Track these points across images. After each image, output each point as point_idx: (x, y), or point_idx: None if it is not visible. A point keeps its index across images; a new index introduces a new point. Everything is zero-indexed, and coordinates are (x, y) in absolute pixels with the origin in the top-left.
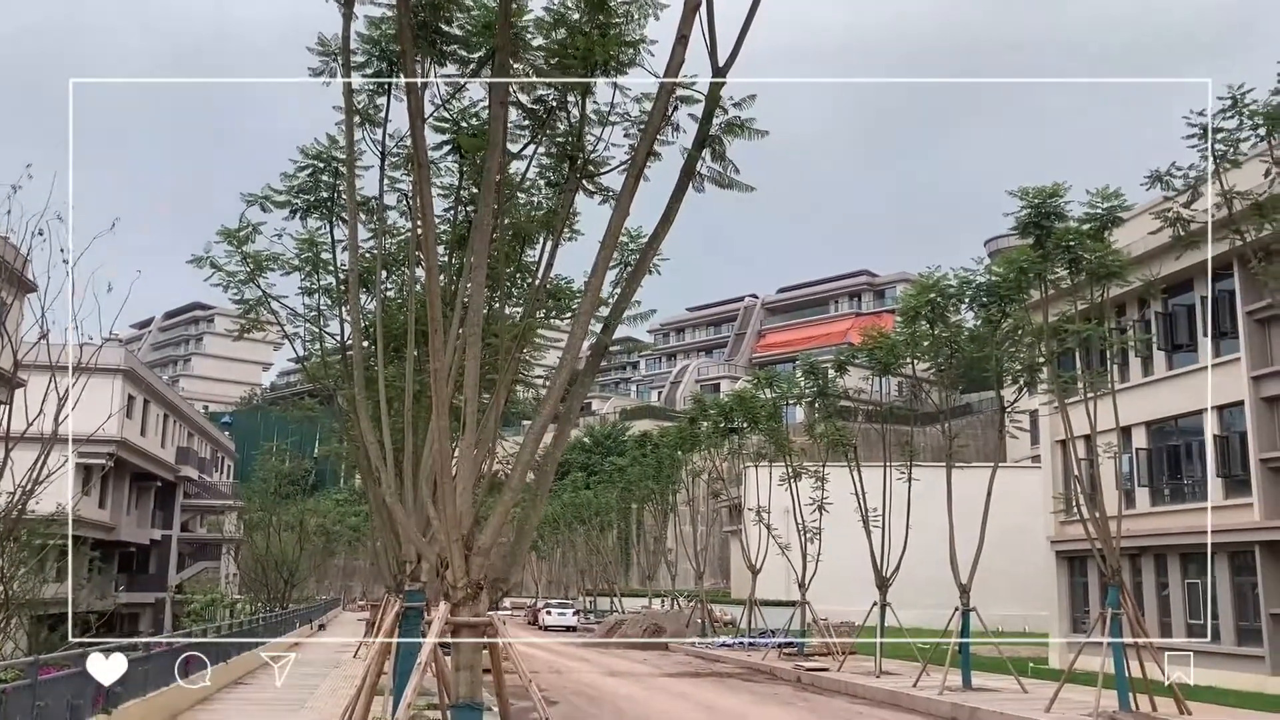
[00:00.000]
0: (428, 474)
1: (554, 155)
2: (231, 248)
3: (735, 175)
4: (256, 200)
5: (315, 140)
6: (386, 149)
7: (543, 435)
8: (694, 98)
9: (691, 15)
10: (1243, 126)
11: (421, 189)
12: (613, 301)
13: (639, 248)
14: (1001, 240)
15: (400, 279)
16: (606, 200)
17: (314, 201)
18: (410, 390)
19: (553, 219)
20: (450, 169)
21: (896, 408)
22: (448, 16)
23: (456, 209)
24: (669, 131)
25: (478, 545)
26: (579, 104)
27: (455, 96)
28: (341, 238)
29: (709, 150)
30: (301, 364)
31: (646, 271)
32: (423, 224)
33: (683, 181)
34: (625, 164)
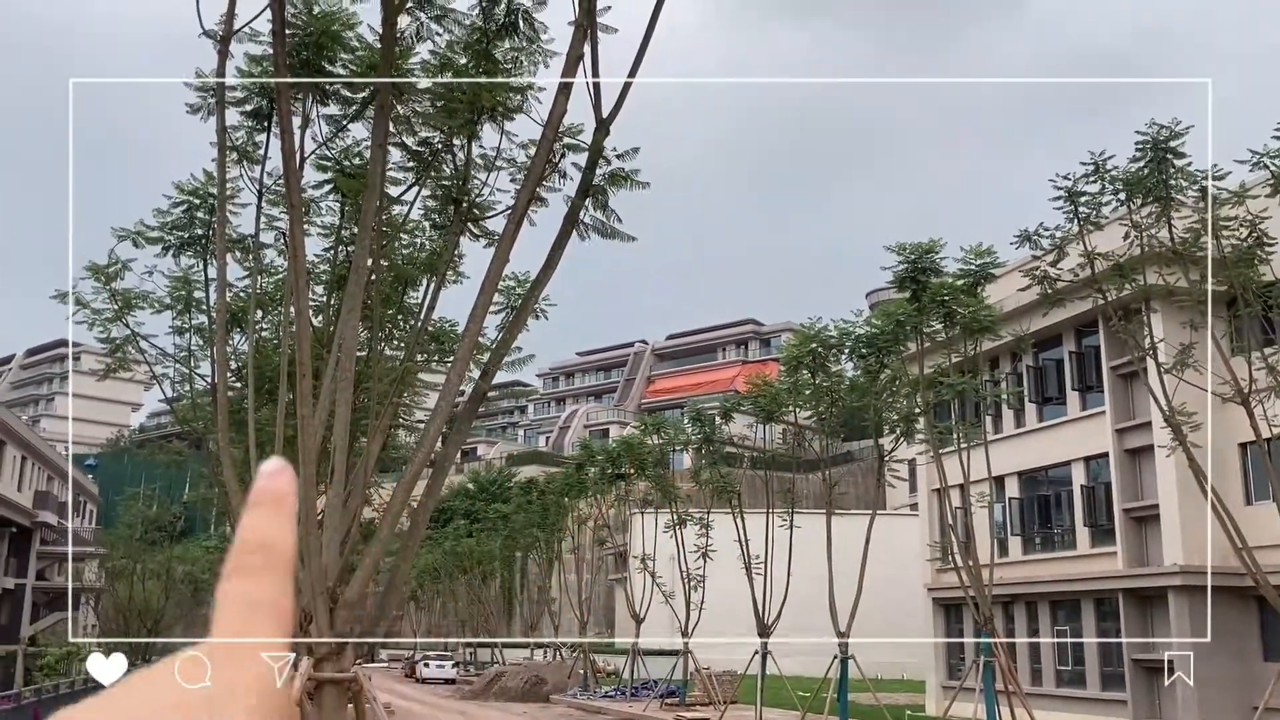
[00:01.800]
0: None
1: (439, 198)
2: (99, 284)
3: (618, 224)
4: (128, 235)
5: (191, 175)
6: (265, 186)
7: (415, 481)
8: (579, 146)
9: (574, 65)
10: (1104, 191)
11: (293, 230)
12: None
13: (524, 292)
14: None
15: (276, 319)
16: (491, 243)
17: (188, 238)
18: (281, 434)
19: (436, 261)
20: (331, 208)
21: (779, 455)
22: (331, 56)
23: (337, 249)
24: (555, 178)
25: (344, 598)
26: (464, 148)
27: (337, 136)
28: (214, 277)
29: (593, 199)
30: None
31: (530, 316)
32: (294, 266)
33: (566, 229)
34: (509, 209)
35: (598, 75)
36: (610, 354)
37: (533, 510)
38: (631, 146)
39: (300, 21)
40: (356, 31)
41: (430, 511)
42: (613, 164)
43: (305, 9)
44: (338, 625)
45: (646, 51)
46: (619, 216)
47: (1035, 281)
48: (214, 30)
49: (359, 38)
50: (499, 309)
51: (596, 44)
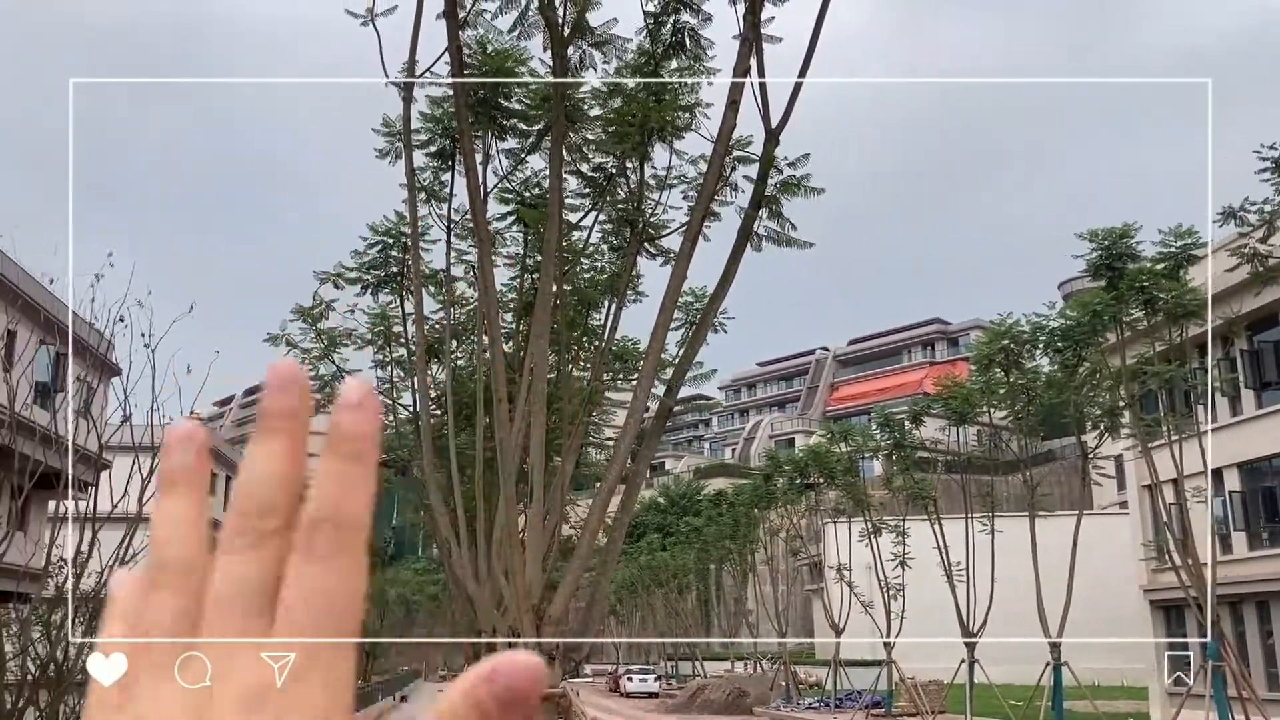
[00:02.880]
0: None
1: (615, 220)
2: (306, 324)
3: (793, 232)
4: (329, 278)
5: (384, 217)
6: (453, 222)
7: (610, 498)
8: (750, 159)
9: (741, 82)
10: None
11: (483, 262)
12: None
13: (702, 306)
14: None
15: (470, 348)
16: (668, 262)
17: (384, 277)
18: (481, 458)
19: (616, 282)
20: (515, 238)
21: (976, 457)
22: (506, 92)
23: (522, 277)
24: (727, 192)
25: (549, 614)
26: (637, 170)
27: (517, 168)
28: (411, 311)
29: (765, 210)
30: None
31: (709, 330)
32: (485, 295)
33: (740, 241)
34: (683, 226)
35: (765, 87)
36: (791, 363)
37: (723, 522)
38: (802, 153)
39: (475, 61)
40: (529, 66)
41: (626, 527)
42: (784, 173)
43: (480, 49)
44: (543, 641)
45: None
46: (793, 224)
47: (1244, 260)
48: (398, 79)
49: (531, 72)
50: (679, 325)
51: (762, 55)
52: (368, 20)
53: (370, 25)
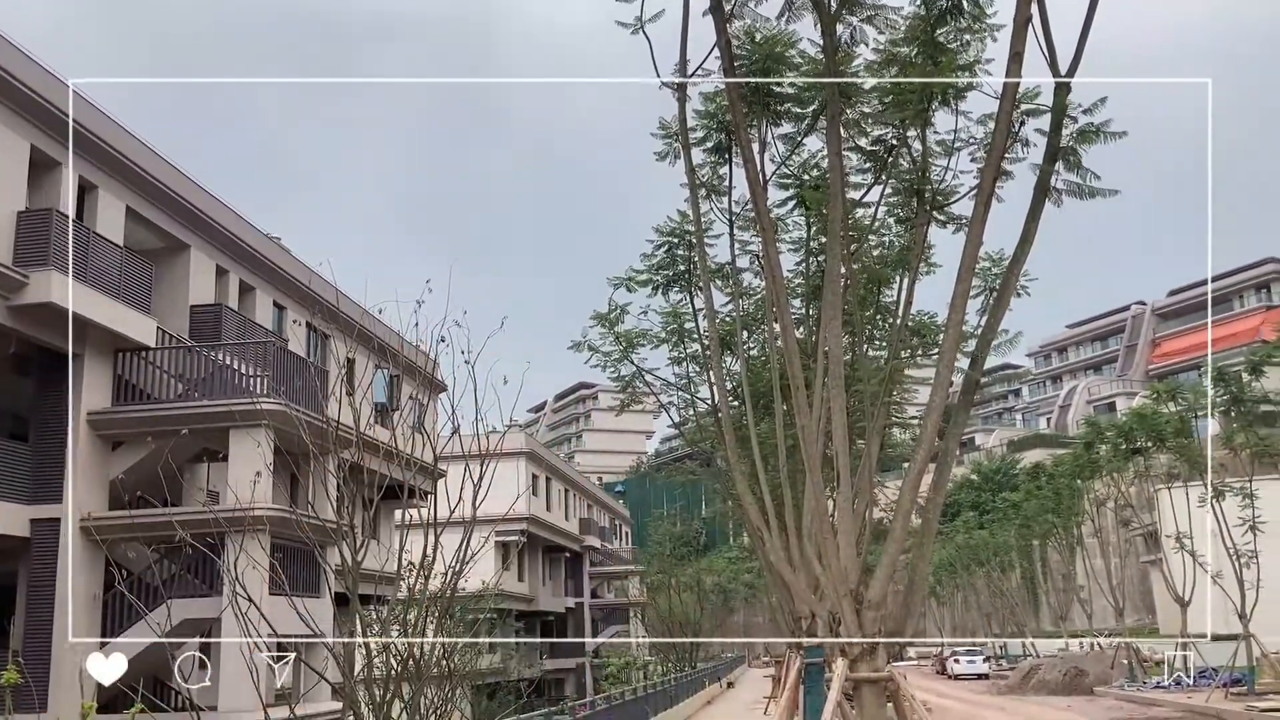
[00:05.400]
0: (810, 530)
1: (900, 192)
2: (604, 329)
3: (1095, 182)
4: (622, 282)
5: (667, 218)
6: (734, 214)
7: (921, 478)
8: (1039, 110)
9: (1023, 30)
10: None
11: (768, 250)
12: (979, 332)
13: (1002, 271)
14: None
15: (761, 337)
16: (960, 229)
17: (672, 276)
18: (783, 446)
19: (906, 256)
20: (797, 223)
21: None
22: (778, 78)
23: (807, 260)
24: (1018, 149)
25: (868, 598)
26: (920, 137)
27: (794, 152)
28: (702, 306)
29: (1062, 162)
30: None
31: (1012, 295)
32: (773, 284)
33: (1038, 199)
34: (974, 190)
35: (1049, 33)
36: (1105, 321)
37: (1044, 496)
38: (1099, 97)
39: (745, 51)
40: (798, 48)
41: (940, 506)
42: (1079, 121)
43: (748, 39)
44: (866, 626)
45: None
46: (1095, 174)
47: None
48: (671, 80)
49: (801, 54)
50: (978, 293)
51: (1044, 2)
52: (638, 28)
53: (641, 32)
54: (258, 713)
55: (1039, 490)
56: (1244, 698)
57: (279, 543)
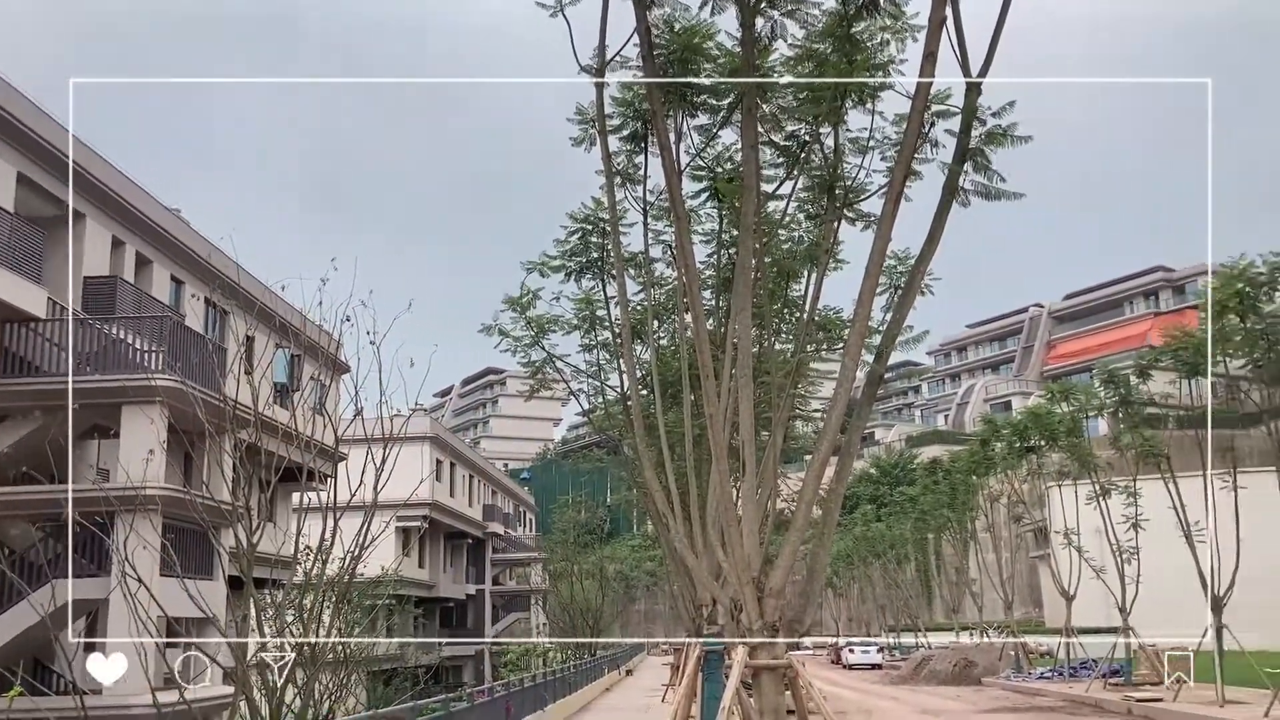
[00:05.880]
0: (714, 518)
1: (812, 188)
2: (516, 314)
3: (1002, 184)
4: (535, 267)
5: (581, 204)
6: (648, 204)
7: (824, 470)
8: (950, 112)
9: (938, 31)
10: None
11: (681, 241)
12: (884, 328)
13: (907, 270)
14: None
15: (672, 327)
16: (869, 226)
17: (586, 263)
18: (690, 435)
19: (816, 251)
20: (711, 215)
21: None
22: (695, 69)
23: (719, 253)
24: (928, 149)
25: (769, 586)
26: (832, 134)
27: (710, 144)
28: (614, 294)
29: (970, 163)
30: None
31: (917, 293)
32: (685, 274)
33: (945, 198)
34: (884, 188)
35: (963, 35)
36: (1003, 322)
37: (940, 491)
38: (1008, 101)
39: (663, 41)
40: (716, 41)
41: (840, 498)
42: (988, 123)
43: (667, 28)
44: (766, 613)
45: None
46: (1001, 176)
47: None
48: (589, 65)
49: (719, 46)
50: (884, 290)
51: (958, 4)
52: (557, 10)
53: (560, 16)
54: (145, 696)
55: (935, 485)
56: (1121, 688)
57: (171, 523)
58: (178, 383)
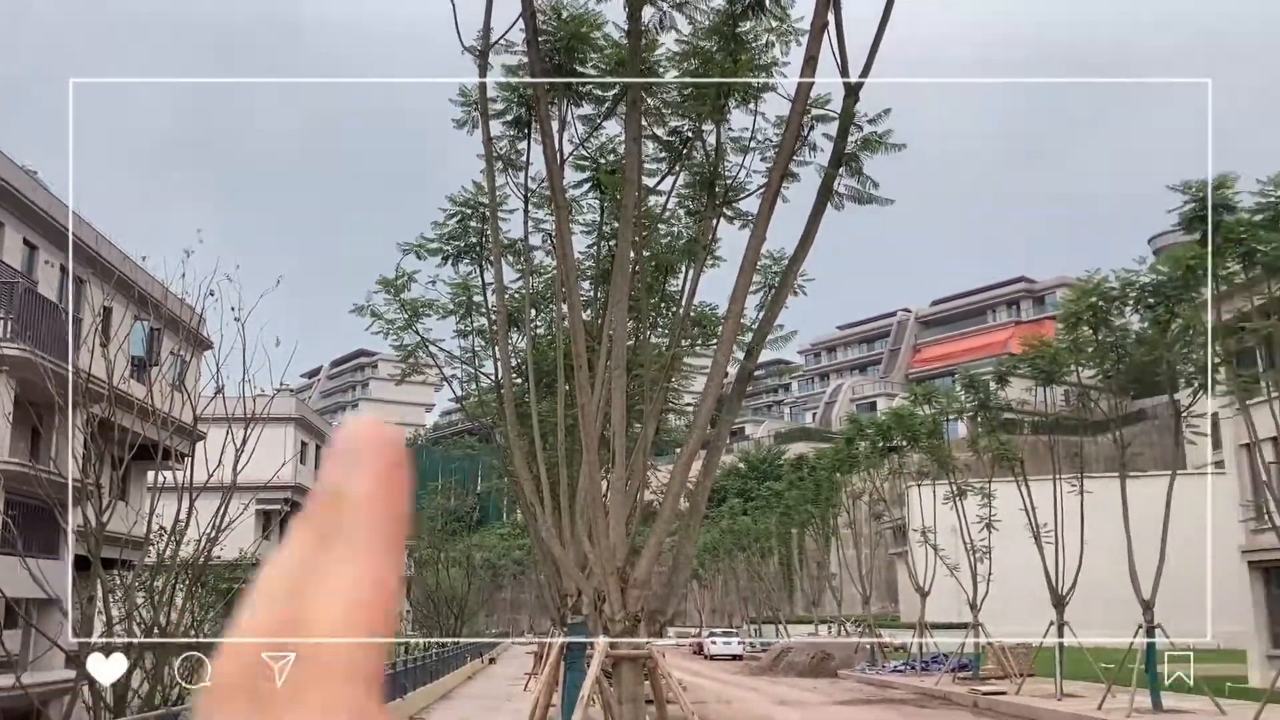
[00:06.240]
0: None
1: (693, 185)
2: (390, 296)
3: (874, 190)
4: (411, 249)
5: (462, 188)
6: (529, 191)
7: (692, 463)
8: (828, 117)
9: (819, 36)
10: None
11: (561, 230)
12: (757, 326)
13: (781, 269)
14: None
15: (549, 316)
16: (747, 225)
17: (464, 247)
18: (563, 425)
19: (694, 247)
20: (592, 205)
21: (1063, 418)
22: (581, 58)
23: (599, 244)
24: (806, 152)
25: (634, 577)
26: (715, 132)
27: (593, 135)
28: (491, 280)
29: (846, 167)
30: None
31: (790, 293)
32: (563, 263)
33: (820, 200)
34: (762, 188)
35: (843, 42)
36: (872, 325)
37: (805, 487)
38: (883, 109)
39: (550, 27)
40: (604, 31)
41: (708, 491)
42: (864, 130)
43: (554, 15)
44: (630, 603)
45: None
46: (874, 182)
47: None
48: (473, 46)
49: (606, 37)
50: (758, 288)
51: (840, 10)
52: None
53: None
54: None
55: (801, 481)
56: (969, 682)
57: (14, 499)
58: (26, 352)
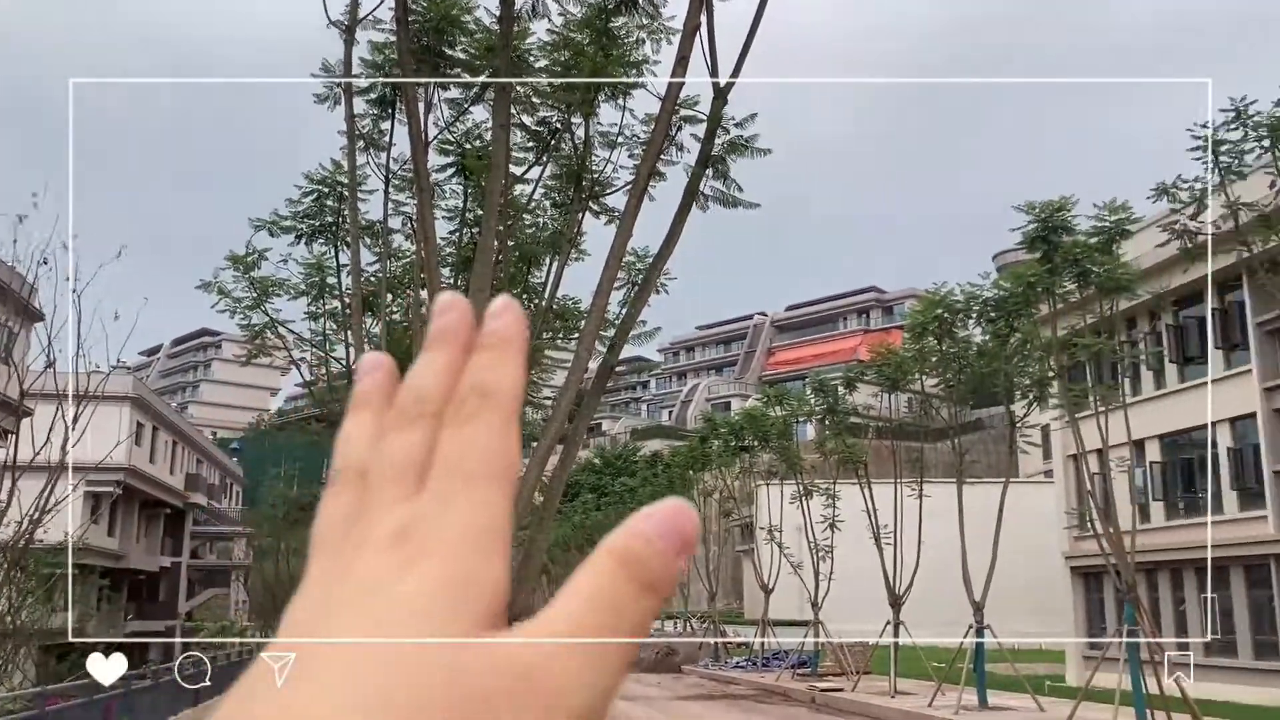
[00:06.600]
0: None
1: (560, 177)
2: (239, 273)
3: (739, 193)
4: (264, 225)
5: (320, 165)
6: (391, 172)
7: (547, 457)
8: (697, 118)
9: (691, 37)
10: (1247, 138)
11: (423, 214)
12: (619, 322)
13: (646, 267)
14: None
15: (406, 302)
16: (613, 220)
17: (319, 226)
18: None
19: (559, 240)
20: (455, 191)
21: (906, 424)
22: (451, 40)
23: (462, 231)
24: (674, 152)
25: None
26: (584, 125)
27: (459, 119)
28: (347, 262)
29: (712, 169)
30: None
31: (653, 291)
32: (425, 248)
33: (686, 201)
34: (630, 184)
35: (714, 44)
36: (730, 327)
37: (658, 483)
38: (750, 114)
39: (421, 7)
40: (475, 15)
41: (562, 486)
42: (731, 133)
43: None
44: None
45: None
46: (739, 185)
47: (1174, 236)
48: (340, 20)
49: (477, 21)
50: (622, 285)
51: (713, 13)
52: None
53: None
54: None
55: (655, 478)
56: (808, 679)
57: None
58: None
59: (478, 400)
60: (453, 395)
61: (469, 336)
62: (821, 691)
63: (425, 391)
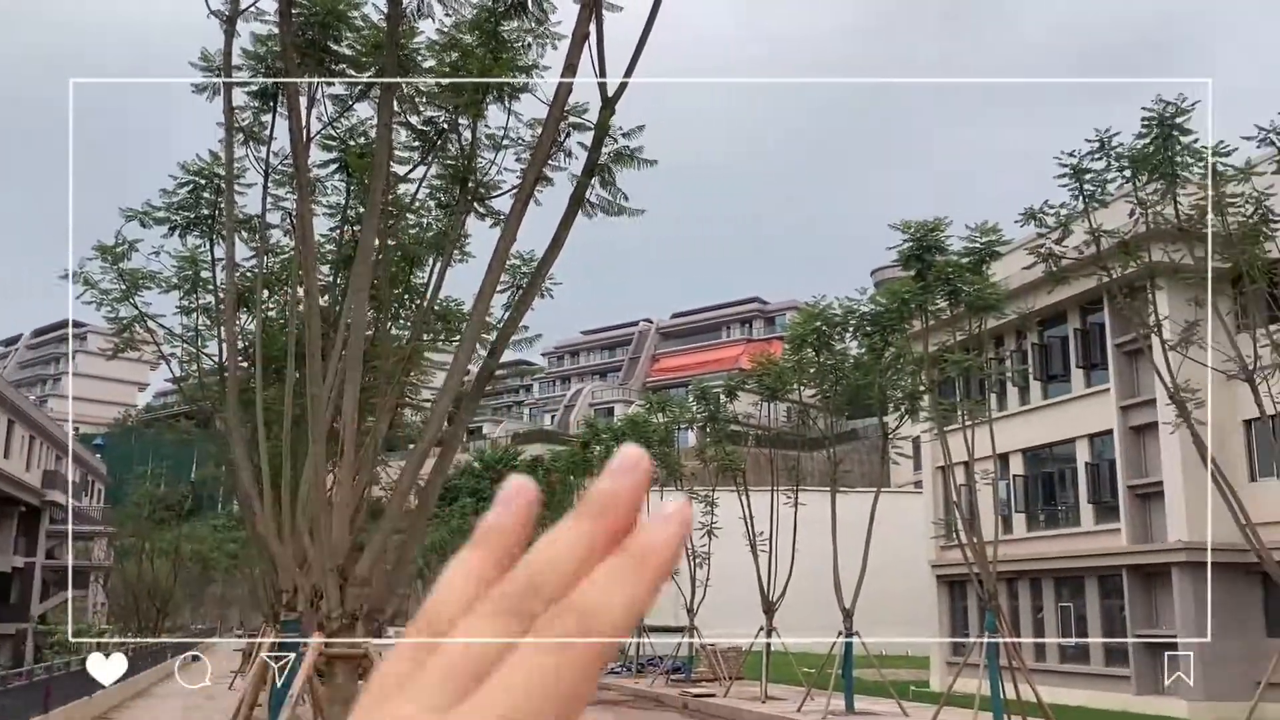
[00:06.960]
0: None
1: (445, 177)
2: (107, 264)
3: (624, 201)
4: (135, 216)
5: (197, 156)
6: (271, 166)
7: (424, 460)
8: (585, 125)
9: (580, 45)
10: (1110, 168)
11: (302, 210)
12: (502, 325)
13: (530, 270)
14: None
15: (282, 299)
16: (498, 223)
17: (194, 218)
18: (289, 414)
19: (442, 241)
20: (337, 188)
21: (784, 433)
22: (336, 35)
23: (343, 228)
24: (561, 157)
25: (355, 575)
26: (470, 127)
27: (343, 115)
28: (222, 256)
29: (599, 177)
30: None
31: (537, 295)
32: (303, 245)
33: (572, 208)
34: (515, 188)
35: (603, 53)
36: (615, 333)
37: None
38: (638, 124)
39: (305, 1)
40: (362, 11)
41: (438, 490)
42: (618, 142)
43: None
44: (348, 602)
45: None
46: (625, 194)
47: (1040, 259)
48: (221, 10)
49: (364, 17)
50: (505, 288)
51: (602, 22)
52: None
53: None
54: None
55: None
56: (681, 684)
57: None
58: None
59: (574, 624)
60: (560, 594)
61: (631, 511)
62: (694, 697)
63: (539, 582)
